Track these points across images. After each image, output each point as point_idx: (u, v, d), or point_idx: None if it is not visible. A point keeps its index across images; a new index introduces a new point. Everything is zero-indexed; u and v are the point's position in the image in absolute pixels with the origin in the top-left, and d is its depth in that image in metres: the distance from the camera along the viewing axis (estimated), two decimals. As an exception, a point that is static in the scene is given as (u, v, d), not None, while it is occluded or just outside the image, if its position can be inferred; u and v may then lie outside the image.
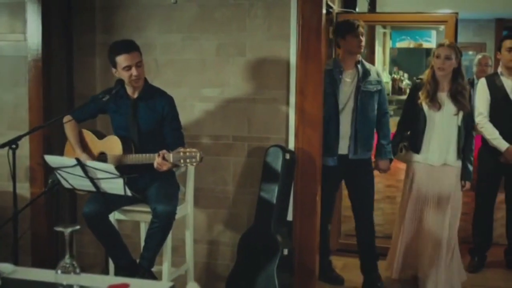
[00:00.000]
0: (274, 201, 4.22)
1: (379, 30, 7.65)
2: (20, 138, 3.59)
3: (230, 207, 4.53)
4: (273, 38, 4.33)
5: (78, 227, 2.47)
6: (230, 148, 4.48)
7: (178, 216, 3.84)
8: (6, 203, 4.28)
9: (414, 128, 4.45)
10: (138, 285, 2.68)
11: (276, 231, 4.22)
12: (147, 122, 3.84)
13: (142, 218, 3.96)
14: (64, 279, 2.35)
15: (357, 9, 5.93)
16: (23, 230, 4.19)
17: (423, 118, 4.34)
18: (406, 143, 4.52)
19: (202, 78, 4.49)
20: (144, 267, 3.74)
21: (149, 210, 3.74)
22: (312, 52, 4.26)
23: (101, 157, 3.88)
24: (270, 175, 4.25)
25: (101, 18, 4.69)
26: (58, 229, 2.46)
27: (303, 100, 4.28)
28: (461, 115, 4.33)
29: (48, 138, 4.51)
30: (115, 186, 3.49)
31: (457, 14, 5.16)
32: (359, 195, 4.57)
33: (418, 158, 4.43)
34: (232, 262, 4.42)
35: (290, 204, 4.35)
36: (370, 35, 6.79)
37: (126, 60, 3.70)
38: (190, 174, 4.11)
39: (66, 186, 3.67)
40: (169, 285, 2.66)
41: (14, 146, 3.53)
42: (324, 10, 4.34)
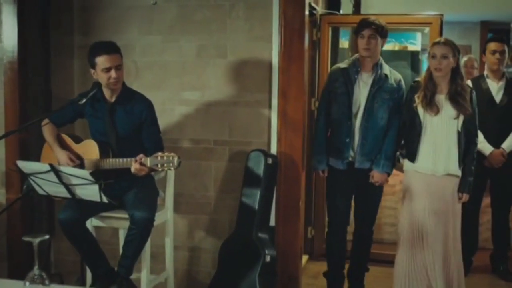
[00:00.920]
0: (256, 206, 4.15)
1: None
2: (-7, 142, 3.49)
3: (211, 213, 4.46)
4: (254, 39, 4.28)
5: (47, 237, 2.37)
6: (211, 152, 4.41)
7: (157, 222, 3.77)
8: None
9: (409, 134, 4.05)
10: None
11: (258, 237, 4.15)
12: (125, 127, 3.76)
13: (120, 224, 3.87)
14: (32, 291, 2.24)
15: (341, 10, 5.87)
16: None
17: (418, 124, 3.94)
18: (403, 151, 4.19)
19: (182, 80, 4.43)
20: (122, 275, 3.65)
21: (127, 216, 3.66)
22: (294, 54, 4.21)
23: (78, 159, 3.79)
24: (251, 180, 4.18)
25: (79, 19, 4.60)
26: (26, 239, 2.35)
27: (286, 103, 4.23)
28: (461, 119, 3.91)
29: (24, 142, 4.41)
30: (91, 192, 3.39)
31: (442, 16, 5.12)
32: (363, 207, 4.29)
33: (414, 167, 4.00)
34: (213, 269, 4.35)
35: (272, 209, 4.29)
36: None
37: (106, 61, 3.62)
38: (170, 179, 4.04)
39: (40, 192, 3.56)
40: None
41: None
42: (307, 11, 4.31)
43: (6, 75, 4.44)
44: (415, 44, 8.09)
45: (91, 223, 3.85)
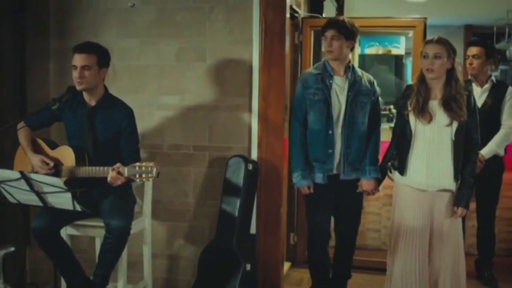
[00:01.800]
0: (236, 214, 4.08)
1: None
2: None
3: (191, 220, 4.39)
4: (234, 42, 4.22)
5: (12, 249, 2.26)
6: (191, 158, 4.35)
7: (134, 230, 3.71)
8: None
9: (400, 144, 3.71)
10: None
11: (238, 245, 4.08)
12: (104, 133, 3.69)
13: (96, 233, 3.77)
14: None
15: (324, 14, 5.81)
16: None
17: (409, 133, 3.60)
18: (395, 162, 3.80)
19: (161, 84, 4.36)
20: (98, 285, 3.57)
21: (103, 225, 3.57)
22: (275, 57, 4.16)
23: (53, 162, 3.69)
24: (231, 187, 4.11)
25: (55, 21, 4.51)
26: (-10, 251, 2.24)
27: (266, 107, 4.18)
28: (455, 126, 3.53)
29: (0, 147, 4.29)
30: (63, 200, 3.30)
31: (425, 19, 5.06)
32: (345, 220, 4.02)
33: (405, 181, 3.66)
34: (193, 278, 4.28)
35: (253, 216, 4.23)
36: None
37: (74, 59, 3.61)
38: (148, 186, 3.97)
39: (11, 201, 3.44)
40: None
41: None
42: (288, 14, 4.27)
43: (-20, 79, 4.33)
44: (399, 48, 8.07)
45: (66, 232, 3.76)
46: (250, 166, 4.10)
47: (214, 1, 4.22)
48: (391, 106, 7.78)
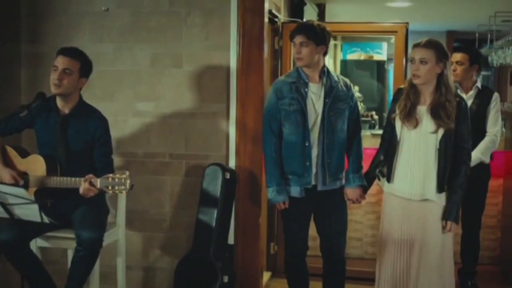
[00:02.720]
0: (213, 224, 4.00)
1: (330, 42, 7.49)
2: None
3: (167, 231, 4.32)
4: (212, 48, 4.17)
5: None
6: (167, 166, 4.28)
7: (108, 241, 3.65)
8: None
9: (388, 150, 3.57)
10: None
11: (215, 257, 4.01)
12: (76, 142, 3.60)
13: (68, 245, 3.66)
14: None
15: (304, 19, 5.75)
16: None
17: (395, 138, 3.46)
18: (384, 169, 3.63)
19: (135, 91, 4.30)
20: (69, 299, 3.46)
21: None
22: (253, 62, 4.10)
23: (23, 178, 3.58)
24: (208, 196, 4.04)
25: (27, 26, 4.42)
26: None
27: (244, 114, 4.12)
28: (440, 134, 3.36)
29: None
30: (30, 212, 3.18)
31: (407, 24, 5.02)
32: (330, 233, 3.78)
33: (390, 189, 3.51)
34: (169, 290, 4.21)
35: (231, 226, 4.16)
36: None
37: (57, 61, 3.57)
38: (122, 196, 3.89)
39: (-24, 212, 3.30)
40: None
41: None
42: (266, 19, 4.20)
43: None
44: (381, 53, 8.04)
45: (36, 244, 3.66)
46: (228, 175, 4.04)
47: (190, 5, 4.17)
48: (373, 112, 7.73)
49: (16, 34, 4.40)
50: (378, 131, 5.75)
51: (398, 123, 3.45)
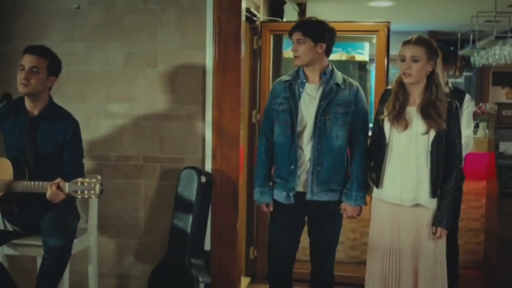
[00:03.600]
0: (189, 229, 3.92)
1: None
2: None
3: (141, 236, 4.25)
4: (187, 47, 4.11)
5: None
6: (141, 170, 4.21)
7: (79, 248, 3.60)
8: None
9: (376, 154, 3.41)
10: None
11: (191, 263, 3.93)
12: (46, 145, 3.52)
13: (36, 252, 3.54)
14: None
15: (284, 18, 5.68)
16: None
17: (384, 140, 3.32)
18: (374, 175, 3.47)
19: (108, 92, 4.23)
20: (37, 309, 3.36)
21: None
22: (230, 62, 4.03)
23: None
24: (183, 201, 3.96)
25: (-5, 24, 4.32)
26: None
27: (221, 116, 4.05)
28: (432, 135, 3.23)
29: None
30: (-7, 219, 3.03)
31: (389, 23, 4.95)
32: (319, 248, 3.59)
33: (380, 194, 3.37)
34: (143, 298, 4.14)
35: (207, 232, 4.09)
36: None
37: (23, 60, 3.49)
38: (93, 201, 3.81)
39: None
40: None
41: None
42: (243, 17, 4.15)
43: None
44: (363, 54, 7.94)
45: (3, 252, 3.58)
46: (204, 179, 3.96)
47: (165, 3, 4.10)
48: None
49: (-17, 32, 4.29)
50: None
51: (387, 125, 3.31)
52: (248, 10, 4.50)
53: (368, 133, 3.51)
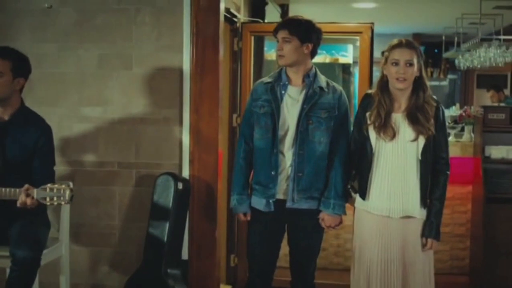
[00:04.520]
0: (165, 238, 3.79)
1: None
2: None
3: (116, 245, 4.13)
4: (163, 48, 4.01)
5: None
6: (116, 176, 4.10)
7: (50, 258, 3.52)
8: None
9: (359, 163, 3.27)
10: None
11: (167, 273, 3.80)
12: (16, 151, 3.40)
13: (5, 263, 3.40)
14: None
15: (266, 19, 5.60)
16: None
17: (370, 151, 3.16)
18: (355, 184, 3.34)
19: (81, 95, 4.12)
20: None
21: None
22: (208, 64, 3.93)
23: None
24: (159, 208, 3.84)
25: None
26: None
27: (199, 119, 3.96)
28: (421, 143, 3.10)
29: None
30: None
31: (372, 24, 4.90)
32: (299, 255, 3.45)
33: (365, 206, 3.21)
34: (118, 310, 4.04)
35: (185, 240, 3.98)
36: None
37: None
38: (65, 208, 3.72)
39: None
40: None
41: None
42: (222, 18, 4.04)
43: None
44: (347, 56, 7.87)
45: None
46: (181, 185, 3.84)
47: (140, 2, 3.99)
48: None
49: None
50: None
51: (373, 134, 3.15)
52: (228, 11, 4.41)
53: (348, 138, 3.37)
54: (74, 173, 4.06)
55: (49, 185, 3.07)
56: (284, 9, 6.77)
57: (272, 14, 6.05)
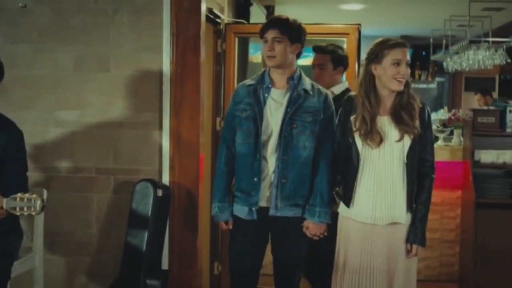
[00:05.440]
0: (144, 247, 3.63)
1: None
2: None
3: (94, 254, 3.99)
4: (142, 50, 3.86)
5: None
6: (93, 182, 3.96)
7: (22, 270, 3.46)
8: None
9: (344, 169, 3.16)
10: None
11: (146, 284, 3.67)
12: None
13: None
14: None
15: (250, 20, 5.48)
16: None
17: (356, 157, 3.05)
18: (340, 190, 3.25)
19: (57, 98, 3.97)
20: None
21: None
22: (189, 66, 3.80)
23: None
24: (138, 216, 3.68)
25: None
26: None
27: (179, 124, 3.82)
28: (407, 144, 2.99)
29: None
30: None
31: (359, 25, 4.83)
32: (283, 265, 3.32)
33: (350, 213, 3.10)
34: (95, 321, 3.90)
35: (165, 249, 3.85)
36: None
37: None
38: (39, 216, 3.59)
39: None
40: None
41: None
42: (203, 18, 3.90)
43: None
44: (334, 58, 7.76)
45: None
46: (160, 192, 3.70)
47: (118, 2, 3.84)
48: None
49: None
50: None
51: (359, 140, 3.03)
52: (211, 11, 4.28)
53: (333, 143, 3.24)
54: (49, 179, 3.91)
55: (19, 194, 2.88)
56: (269, 10, 6.67)
57: (257, 15, 5.93)
